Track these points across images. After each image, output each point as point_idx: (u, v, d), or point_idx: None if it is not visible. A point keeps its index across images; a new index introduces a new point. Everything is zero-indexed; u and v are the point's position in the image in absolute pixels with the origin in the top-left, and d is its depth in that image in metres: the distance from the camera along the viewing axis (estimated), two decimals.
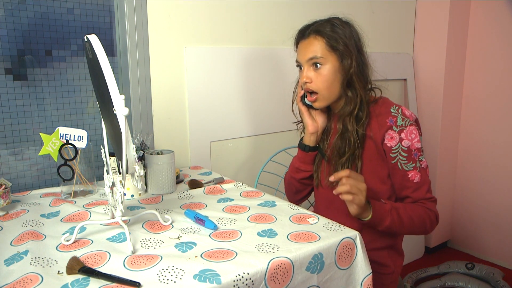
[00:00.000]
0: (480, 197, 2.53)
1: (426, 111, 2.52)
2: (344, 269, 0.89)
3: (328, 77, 1.08)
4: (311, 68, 1.10)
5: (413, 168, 1.07)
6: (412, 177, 1.08)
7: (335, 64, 1.08)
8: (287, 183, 1.33)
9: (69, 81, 1.43)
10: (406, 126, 1.07)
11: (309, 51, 1.09)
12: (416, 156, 1.07)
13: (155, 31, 1.51)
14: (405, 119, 1.07)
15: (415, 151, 1.07)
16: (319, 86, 1.09)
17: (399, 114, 1.07)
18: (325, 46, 1.07)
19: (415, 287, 2.18)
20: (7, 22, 1.29)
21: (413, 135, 1.07)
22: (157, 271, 0.74)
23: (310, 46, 1.09)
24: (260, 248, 0.83)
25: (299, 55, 1.13)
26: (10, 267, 0.77)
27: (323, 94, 1.10)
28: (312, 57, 1.08)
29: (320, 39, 1.08)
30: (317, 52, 1.08)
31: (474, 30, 2.44)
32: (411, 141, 1.07)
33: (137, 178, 0.89)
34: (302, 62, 1.11)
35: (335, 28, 1.08)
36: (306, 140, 1.21)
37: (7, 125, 1.34)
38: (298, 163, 1.24)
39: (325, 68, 1.08)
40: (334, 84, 1.09)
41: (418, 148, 1.08)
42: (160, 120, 1.56)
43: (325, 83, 1.09)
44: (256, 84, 1.79)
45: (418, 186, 1.08)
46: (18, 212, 1.05)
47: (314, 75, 1.09)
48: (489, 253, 2.52)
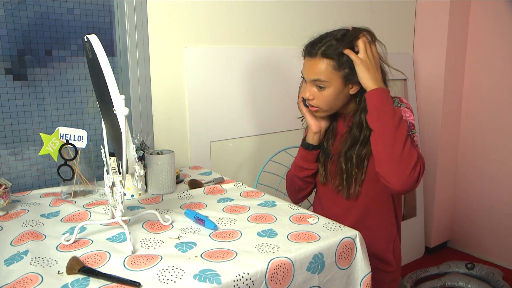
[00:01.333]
0: (480, 197, 2.53)
1: (426, 111, 2.52)
2: (344, 269, 0.89)
3: (330, 97, 1.10)
4: (314, 87, 1.11)
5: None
6: None
7: (338, 86, 1.09)
8: (289, 182, 1.33)
9: (69, 81, 1.43)
10: (401, 107, 1.11)
11: (314, 73, 1.09)
12: (409, 129, 1.06)
13: (155, 31, 1.51)
14: (400, 104, 1.12)
15: (409, 124, 1.07)
16: (319, 104, 1.12)
17: (396, 100, 1.13)
18: (331, 69, 1.07)
19: (415, 287, 2.18)
20: (7, 22, 1.29)
21: (407, 114, 1.10)
22: (157, 271, 0.74)
23: (315, 67, 1.08)
24: (260, 248, 0.83)
25: (304, 71, 1.13)
26: (10, 267, 0.77)
27: (324, 109, 1.13)
28: (316, 79, 1.09)
29: (326, 62, 1.07)
30: (321, 75, 1.07)
31: (474, 30, 2.44)
32: (405, 117, 1.08)
33: (137, 178, 0.89)
34: (306, 79, 1.13)
35: (345, 45, 1.07)
36: (309, 139, 1.21)
37: (7, 125, 1.34)
38: (301, 161, 1.25)
39: (328, 90, 1.09)
40: (336, 102, 1.12)
41: (412, 123, 1.09)
42: (160, 120, 1.56)
43: (327, 102, 1.11)
44: (256, 84, 1.79)
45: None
46: (18, 212, 1.05)
47: (316, 93, 1.11)
48: (489, 253, 2.52)
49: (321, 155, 1.23)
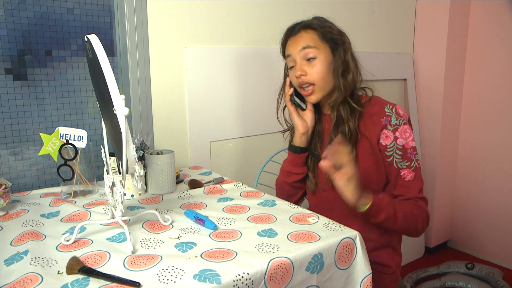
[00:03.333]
0: (480, 197, 2.53)
1: (426, 111, 2.52)
2: (344, 269, 0.89)
3: (322, 68, 1.09)
4: (304, 62, 1.11)
5: (407, 166, 1.08)
6: (405, 175, 1.08)
7: (327, 55, 1.10)
8: (278, 188, 1.32)
9: (69, 81, 1.43)
10: (400, 125, 1.08)
11: (301, 42, 1.10)
12: (412, 155, 1.08)
13: (155, 31, 1.51)
14: (399, 118, 1.08)
15: (411, 150, 1.08)
16: (314, 78, 1.10)
17: (393, 113, 1.08)
18: (317, 38, 1.09)
19: (415, 287, 2.18)
20: (7, 22, 1.29)
21: (407, 134, 1.08)
22: (157, 271, 0.74)
23: (301, 39, 1.10)
24: (260, 248, 0.83)
25: (290, 48, 1.13)
26: (10, 267, 0.77)
27: (319, 85, 1.11)
28: (305, 46, 1.09)
29: (311, 32, 1.10)
30: (309, 42, 1.09)
31: (474, 30, 2.44)
32: (406, 139, 1.08)
33: (137, 178, 0.89)
34: (294, 54, 1.11)
35: (324, 23, 1.11)
36: (296, 142, 1.20)
37: (7, 125, 1.34)
38: (289, 166, 1.24)
39: (318, 60, 1.09)
40: (329, 74, 1.10)
41: (413, 147, 1.08)
42: (160, 120, 1.56)
43: (320, 74, 1.10)
44: (256, 84, 1.79)
45: (410, 185, 1.08)
46: (18, 212, 1.05)
47: (308, 67, 1.10)
48: (489, 253, 2.52)
49: (310, 160, 1.22)
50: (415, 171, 1.08)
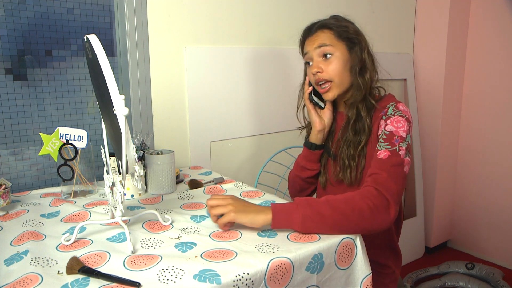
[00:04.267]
0: (480, 197, 2.53)
1: (426, 111, 2.52)
2: (344, 269, 0.89)
3: (338, 65, 1.10)
4: (320, 59, 1.11)
5: (386, 149, 1.00)
6: (379, 154, 1.00)
7: (344, 52, 1.10)
8: (291, 182, 1.33)
9: (69, 81, 1.43)
10: (394, 115, 1.04)
11: (317, 41, 1.11)
12: (397, 142, 1.00)
13: (155, 31, 1.50)
14: (396, 111, 1.05)
15: (398, 138, 1.01)
16: (330, 75, 1.10)
17: (392, 106, 1.07)
18: (333, 37, 1.10)
19: (415, 287, 2.18)
20: (7, 22, 1.29)
21: (399, 124, 1.02)
22: (157, 271, 0.74)
23: (317, 38, 1.11)
24: (260, 248, 0.83)
25: (307, 47, 1.14)
26: (10, 267, 0.77)
27: (336, 81, 1.11)
28: (321, 45, 1.10)
29: (327, 31, 1.11)
30: (325, 40, 1.10)
31: (474, 30, 2.44)
32: (396, 128, 1.02)
33: (137, 178, 0.89)
34: (311, 51, 1.12)
35: (340, 22, 1.12)
36: (312, 139, 1.21)
37: (7, 125, 1.34)
38: (304, 161, 1.25)
39: (334, 57, 1.09)
40: (345, 72, 1.11)
41: (402, 136, 1.01)
42: (160, 120, 1.56)
43: (336, 70, 1.10)
44: (256, 84, 1.79)
45: (378, 163, 0.98)
46: (18, 212, 1.05)
47: (324, 64, 1.10)
48: (489, 253, 2.52)
49: (324, 157, 1.23)
50: (391, 152, 0.98)
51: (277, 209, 0.90)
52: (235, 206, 0.91)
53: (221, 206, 0.92)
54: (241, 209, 0.90)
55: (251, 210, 0.91)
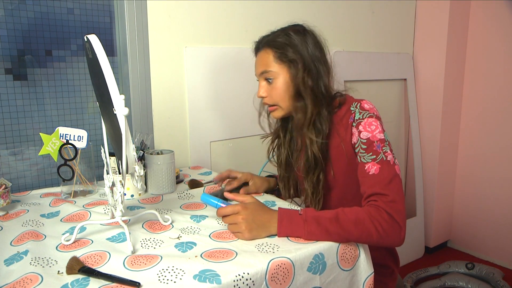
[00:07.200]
0: (480, 197, 2.53)
1: (426, 111, 2.52)
2: (347, 270, 0.89)
3: (280, 90, 1.07)
4: (264, 83, 1.10)
5: (372, 160, 0.95)
6: (368, 169, 0.95)
7: (285, 76, 1.06)
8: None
9: (69, 81, 1.43)
10: (364, 118, 1.00)
11: (261, 65, 1.09)
12: (379, 147, 0.96)
13: (155, 31, 1.51)
14: (362, 112, 1.01)
15: (378, 142, 0.96)
16: (274, 99, 1.09)
17: (357, 109, 1.02)
18: (273, 59, 1.06)
19: (415, 287, 2.18)
20: (7, 22, 1.29)
21: (373, 127, 0.98)
22: (157, 271, 0.74)
23: (261, 60, 1.09)
24: (260, 248, 0.83)
25: (255, 66, 1.13)
26: (10, 267, 0.77)
27: (281, 105, 1.09)
28: (263, 72, 1.08)
29: (269, 52, 1.07)
30: (267, 66, 1.07)
31: (474, 30, 2.44)
32: (371, 132, 0.98)
33: (137, 178, 0.89)
34: (256, 74, 1.12)
35: (287, 38, 1.05)
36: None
37: (7, 125, 1.34)
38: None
39: (277, 81, 1.07)
40: (286, 95, 1.07)
41: (381, 139, 0.97)
42: (160, 120, 1.56)
43: (279, 96, 1.07)
44: (256, 84, 1.79)
45: (373, 180, 0.93)
46: (18, 212, 1.05)
47: (268, 89, 1.09)
48: (489, 253, 2.52)
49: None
50: (380, 163, 0.94)
51: (283, 223, 0.89)
52: (247, 224, 0.88)
53: (234, 225, 0.89)
54: (253, 227, 0.88)
55: (260, 224, 0.89)
